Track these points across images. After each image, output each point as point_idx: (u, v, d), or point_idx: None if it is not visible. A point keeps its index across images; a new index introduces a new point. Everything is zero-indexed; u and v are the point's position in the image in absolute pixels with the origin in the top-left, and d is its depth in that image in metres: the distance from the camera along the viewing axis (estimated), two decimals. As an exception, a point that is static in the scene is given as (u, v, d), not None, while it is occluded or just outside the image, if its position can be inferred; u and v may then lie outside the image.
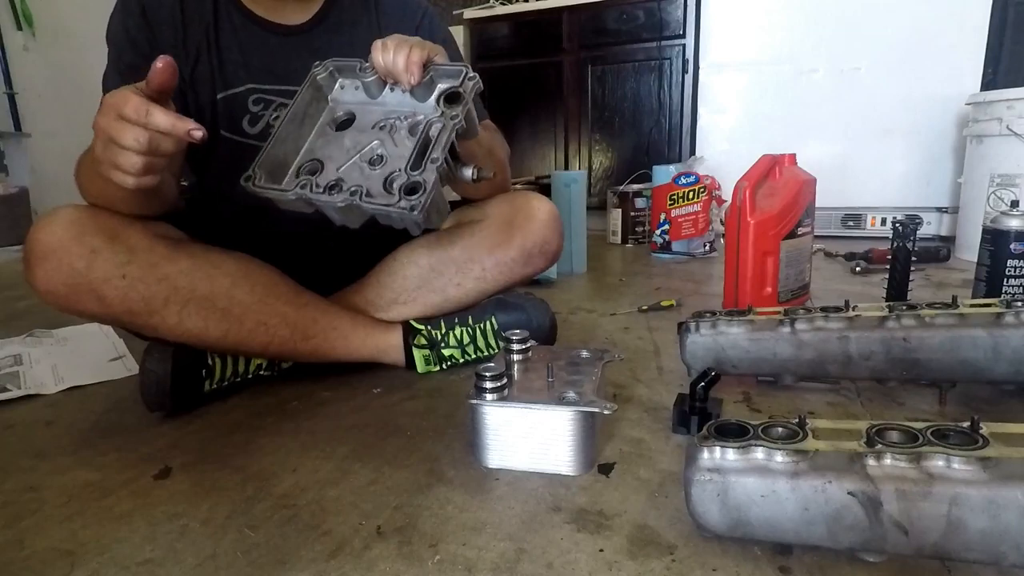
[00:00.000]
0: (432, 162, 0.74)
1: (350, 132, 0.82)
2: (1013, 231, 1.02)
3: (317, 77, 0.82)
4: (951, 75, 2.23)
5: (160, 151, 0.63)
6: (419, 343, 0.97)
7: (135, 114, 0.61)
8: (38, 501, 0.66)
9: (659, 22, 2.57)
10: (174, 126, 0.61)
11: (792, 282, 1.19)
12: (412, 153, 0.76)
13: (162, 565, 0.54)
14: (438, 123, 0.77)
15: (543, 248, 0.97)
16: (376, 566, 0.53)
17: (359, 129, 0.82)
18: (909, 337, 0.78)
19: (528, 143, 2.92)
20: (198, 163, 0.95)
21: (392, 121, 0.81)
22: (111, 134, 0.61)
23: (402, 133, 0.80)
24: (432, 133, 0.77)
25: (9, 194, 3.02)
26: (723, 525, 0.52)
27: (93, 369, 1.07)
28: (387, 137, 0.80)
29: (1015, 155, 1.75)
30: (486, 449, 0.69)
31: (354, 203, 0.73)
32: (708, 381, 0.74)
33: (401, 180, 0.75)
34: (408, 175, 0.75)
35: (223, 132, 0.91)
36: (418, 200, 0.72)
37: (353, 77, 0.83)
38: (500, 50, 2.87)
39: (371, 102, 0.83)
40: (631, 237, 2.44)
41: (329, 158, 0.81)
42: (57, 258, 0.75)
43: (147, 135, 0.61)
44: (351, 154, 0.80)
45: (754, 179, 1.16)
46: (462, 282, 0.97)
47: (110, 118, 0.62)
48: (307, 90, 0.81)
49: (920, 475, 0.46)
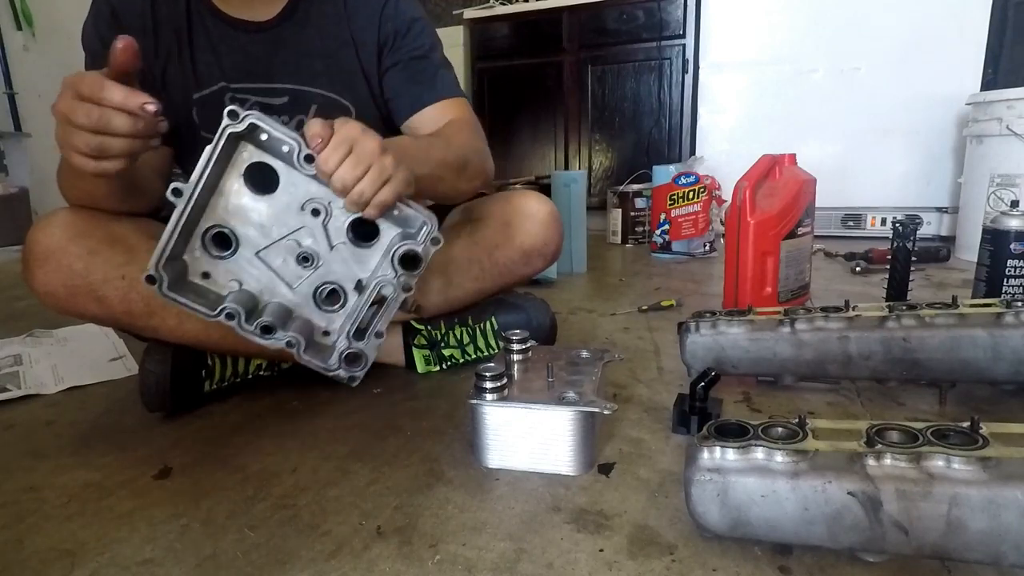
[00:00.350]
0: (376, 336, 0.71)
1: (271, 201, 0.68)
2: (1013, 231, 1.02)
3: (229, 132, 0.64)
4: (951, 75, 2.23)
5: (113, 128, 0.59)
6: (419, 343, 0.97)
7: (88, 90, 0.58)
8: (38, 501, 0.66)
9: (659, 22, 2.57)
10: (125, 100, 0.58)
11: (792, 282, 1.19)
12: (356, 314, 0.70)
13: (162, 565, 0.54)
14: (389, 287, 0.70)
15: (543, 248, 0.97)
16: (376, 566, 0.53)
17: (283, 202, 0.68)
18: (909, 337, 0.78)
19: (528, 143, 2.92)
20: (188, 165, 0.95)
21: (326, 205, 0.68)
22: (66, 111, 0.59)
23: (339, 224, 0.69)
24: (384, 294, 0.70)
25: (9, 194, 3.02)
26: (723, 525, 0.52)
27: (93, 369, 1.07)
28: (318, 227, 0.69)
29: (1015, 155, 1.75)
30: (486, 449, 0.69)
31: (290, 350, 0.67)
32: (708, 381, 0.74)
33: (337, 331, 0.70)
34: (349, 341, 0.70)
35: (203, 133, 0.91)
36: (359, 373, 0.71)
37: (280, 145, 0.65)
38: (500, 50, 2.87)
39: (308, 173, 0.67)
40: (631, 237, 2.44)
41: (245, 236, 0.69)
42: (56, 260, 0.75)
43: (99, 111, 0.58)
44: (272, 235, 0.68)
45: (754, 179, 1.16)
46: (461, 282, 0.97)
47: (66, 96, 0.59)
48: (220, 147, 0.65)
49: (920, 475, 0.46)
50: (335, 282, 0.71)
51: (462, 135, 0.87)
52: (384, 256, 0.70)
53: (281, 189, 0.68)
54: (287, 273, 0.70)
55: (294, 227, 0.69)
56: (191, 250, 0.69)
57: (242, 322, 0.66)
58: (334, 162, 0.62)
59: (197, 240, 0.68)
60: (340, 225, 0.69)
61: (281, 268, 0.70)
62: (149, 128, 0.61)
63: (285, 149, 0.65)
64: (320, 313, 0.72)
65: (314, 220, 0.69)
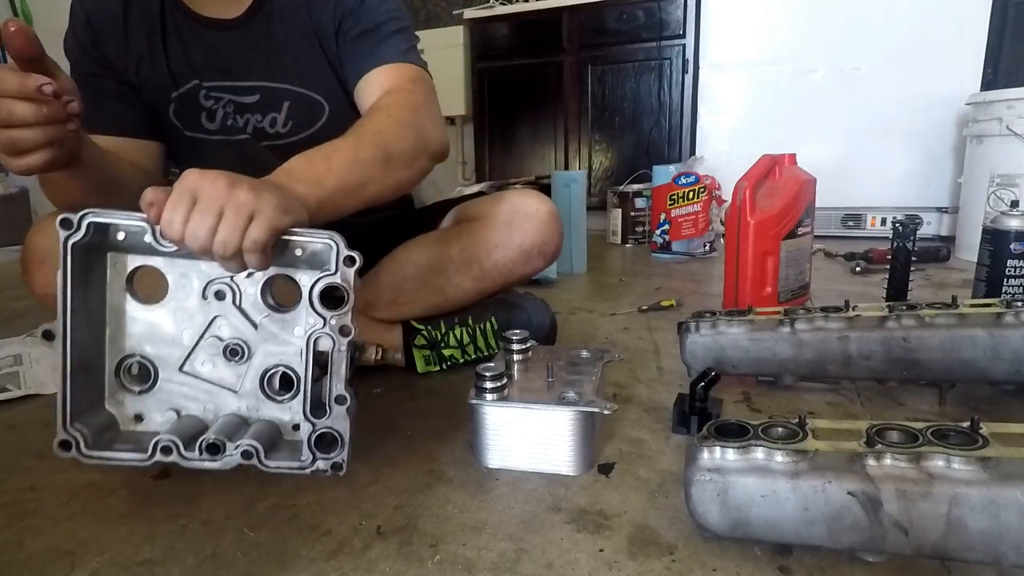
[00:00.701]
0: (339, 402, 0.56)
1: (167, 306, 0.59)
2: (1013, 231, 1.02)
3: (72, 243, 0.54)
4: (951, 75, 2.23)
5: (17, 119, 0.54)
6: (419, 343, 0.97)
7: None
8: (38, 501, 0.66)
9: (659, 22, 2.57)
10: (21, 85, 0.53)
11: (792, 282, 1.19)
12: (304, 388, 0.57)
13: (162, 565, 0.54)
14: (324, 339, 0.57)
15: (542, 248, 0.97)
16: (376, 566, 0.53)
17: (180, 301, 0.59)
18: (909, 337, 0.78)
19: (528, 143, 2.91)
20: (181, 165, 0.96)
21: (229, 280, 0.59)
22: None
23: (252, 299, 0.59)
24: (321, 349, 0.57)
25: (9, 194, 3.02)
26: (723, 525, 0.52)
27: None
28: (231, 311, 0.58)
29: (1015, 155, 1.75)
30: (486, 449, 0.69)
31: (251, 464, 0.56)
32: (708, 381, 0.74)
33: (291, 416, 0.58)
34: (311, 423, 0.57)
35: (188, 133, 0.91)
36: (339, 456, 0.57)
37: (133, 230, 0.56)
38: (500, 50, 2.87)
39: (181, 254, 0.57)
40: (631, 237, 2.44)
41: (158, 354, 0.59)
42: (55, 261, 0.75)
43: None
44: (187, 341, 0.59)
45: (754, 179, 1.16)
46: (461, 282, 0.97)
47: None
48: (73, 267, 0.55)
49: (920, 475, 0.46)
50: (278, 364, 0.60)
51: (382, 117, 0.74)
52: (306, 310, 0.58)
53: (172, 285, 0.59)
54: (222, 377, 0.60)
55: (206, 322, 0.59)
56: (111, 395, 0.59)
57: (182, 452, 0.55)
58: (179, 221, 0.51)
59: (109, 381, 0.58)
60: (254, 298, 0.59)
61: (213, 374, 0.60)
62: (57, 112, 0.55)
63: (146, 239, 0.55)
64: (280, 406, 0.60)
65: (223, 304, 0.58)
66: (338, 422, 0.57)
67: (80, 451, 0.55)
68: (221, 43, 0.86)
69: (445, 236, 0.99)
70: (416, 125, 0.75)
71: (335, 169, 0.64)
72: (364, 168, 0.67)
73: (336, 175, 0.64)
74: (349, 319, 0.56)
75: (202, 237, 0.51)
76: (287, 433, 0.60)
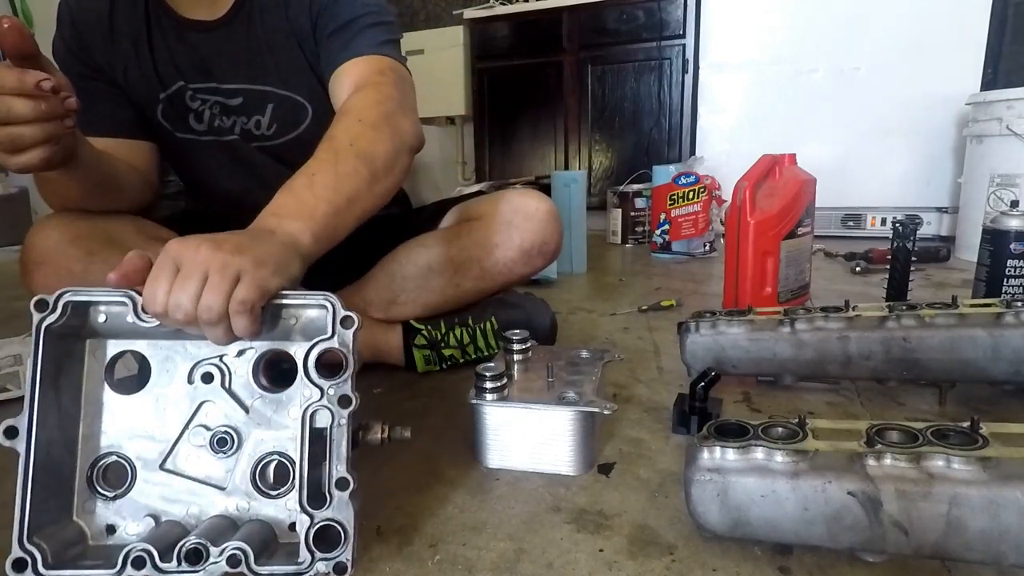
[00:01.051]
0: (340, 487, 0.48)
1: (150, 393, 0.52)
2: (1013, 231, 1.02)
3: (47, 326, 0.49)
4: (951, 75, 2.23)
5: (16, 116, 0.53)
6: (419, 343, 0.97)
7: None
8: (38, 501, 0.66)
9: (659, 22, 2.57)
10: (20, 82, 0.52)
11: (792, 282, 1.19)
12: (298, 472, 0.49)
13: (162, 565, 0.54)
14: (323, 412, 0.50)
15: (542, 248, 0.97)
16: (376, 566, 0.53)
17: (163, 387, 0.52)
18: (909, 337, 0.78)
19: (528, 143, 2.91)
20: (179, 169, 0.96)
21: (218, 360, 0.52)
22: None
23: (243, 379, 0.52)
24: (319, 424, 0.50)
25: (9, 194, 3.02)
26: (723, 525, 0.52)
27: (93, 369, 1.07)
28: (220, 394, 0.52)
29: (1015, 155, 1.75)
30: (486, 449, 0.69)
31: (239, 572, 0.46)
32: (708, 381, 0.74)
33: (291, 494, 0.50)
34: (309, 515, 0.48)
35: (178, 135, 0.91)
36: (343, 555, 0.47)
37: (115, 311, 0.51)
38: (500, 50, 2.87)
39: (166, 334, 0.52)
40: (631, 237, 2.44)
41: (137, 450, 0.51)
42: (54, 262, 0.75)
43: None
44: (171, 433, 0.51)
45: (754, 179, 1.16)
46: (461, 282, 0.97)
47: None
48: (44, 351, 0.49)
49: (920, 475, 0.46)
50: (272, 452, 0.52)
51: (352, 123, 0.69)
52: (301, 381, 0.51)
53: (155, 371, 0.52)
54: (209, 474, 0.51)
55: (191, 409, 0.52)
56: (81, 503, 0.50)
57: (157, 563, 0.46)
58: (162, 292, 0.47)
59: (80, 487, 0.50)
60: (245, 379, 0.52)
61: (199, 470, 0.52)
62: (55, 108, 0.55)
63: (128, 318, 0.50)
64: (274, 503, 0.51)
65: (211, 388, 0.52)
66: (340, 512, 0.48)
67: (37, 571, 0.46)
68: (203, 45, 0.86)
69: (445, 236, 0.99)
70: (388, 123, 0.70)
71: (320, 194, 0.60)
72: (349, 183, 0.63)
73: (324, 200, 0.60)
74: (349, 388, 0.50)
75: (186, 305, 0.46)
76: (283, 535, 0.51)
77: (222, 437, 0.51)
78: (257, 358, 0.53)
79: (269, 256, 0.51)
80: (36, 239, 0.76)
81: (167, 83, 0.87)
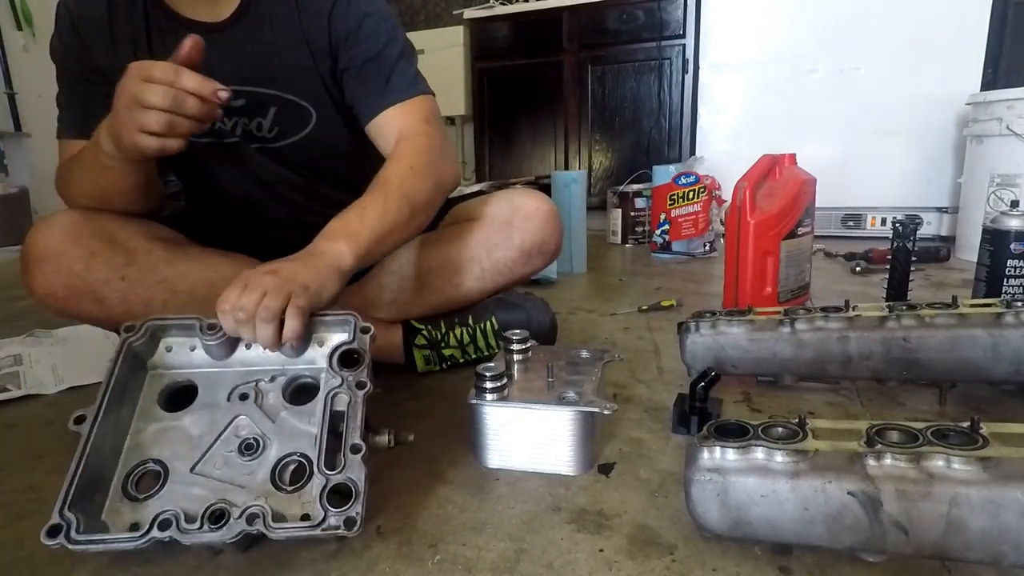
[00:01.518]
0: (354, 451, 0.55)
1: (194, 412, 0.61)
2: (1013, 231, 1.02)
3: (132, 344, 0.62)
4: (951, 75, 2.23)
5: (185, 109, 0.64)
6: (419, 343, 0.97)
7: (163, 75, 0.63)
8: (38, 501, 0.66)
9: (659, 22, 2.57)
10: (201, 84, 0.64)
11: (792, 282, 1.19)
12: (318, 441, 0.57)
13: (162, 565, 0.54)
14: (343, 394, 0.60)
15: (542, 247, 0.97)
16: (376, 566, 0.53)
17: (206, 404, 0.62)
18: (909, 337, 0.78)
19: (528, 143, 2.92)
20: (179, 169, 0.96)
21: (254, 384, 0.63)
22: (137, 93, 0.63)
23: (273, 398, 0.62)
24: (338, 408, 0.59)
25: (9, 194, 3.02)
26: (723, 525, 0.52)
27: (93, 369, 1.07)
28: (253, 409, 0.61)
29: (1015, 155, 1.75)
30: (486, 449, 0.69)
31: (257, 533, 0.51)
32: (708, 381, 0.74)
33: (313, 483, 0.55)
34: (325, 475, 0.54)
35: None
36: (353, 510, 0.52)
37: (187, 335, 0.65)
38: (500, 50, 2.87)
39: (216, 365, 0.65)
40: (631, 237, 2.44)
41: (174, 457, 0.58)
42: (56, 261, 0.75)
43: (173, 92, 0.63)
44: (205, 442, 0.59)
45: (754, 179, 1.16)
46: (461, 282, 0.97)
47: (135, 80, 0.63)
48: (121, 365, 0.61)
49: (920, 475, 0.46)
50: (292, 453, 0.58)
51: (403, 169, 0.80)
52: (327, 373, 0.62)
53: (200, 394, 0.63)
54: (233, 476, 0.57)
55: (227, 422, 0.60)
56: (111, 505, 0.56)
57: (181, 524, 0.51)
58: (234, 295, 0.60)
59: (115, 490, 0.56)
60: (275, 398, 0.62)
61: (225, 472, 0.57)
62: (212, 112, 0.66)
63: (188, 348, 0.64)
64: (288, 497, 0.56)
65: (246, 404, 0.61)
66: (353, 471, 0.54)
67: (68, 536, 0.51)
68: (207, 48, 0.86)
69: (445, 236, 0.99)
70: (434, 171, 0.82)
71: (367, 223, 0.72)
72: (392, 218, 0.75)
73: (369, 228, 0.72)
74: (365, 375, 0.61)
75: (248, 307, 0.59)
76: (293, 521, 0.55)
77: (249, 443, 0.59)
78: (286, 382, 0.63)
79: (313, 280, 0.64)
80: (37, 238, 0.76)
81: None
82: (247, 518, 0.51)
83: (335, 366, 0.62)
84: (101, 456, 0.57)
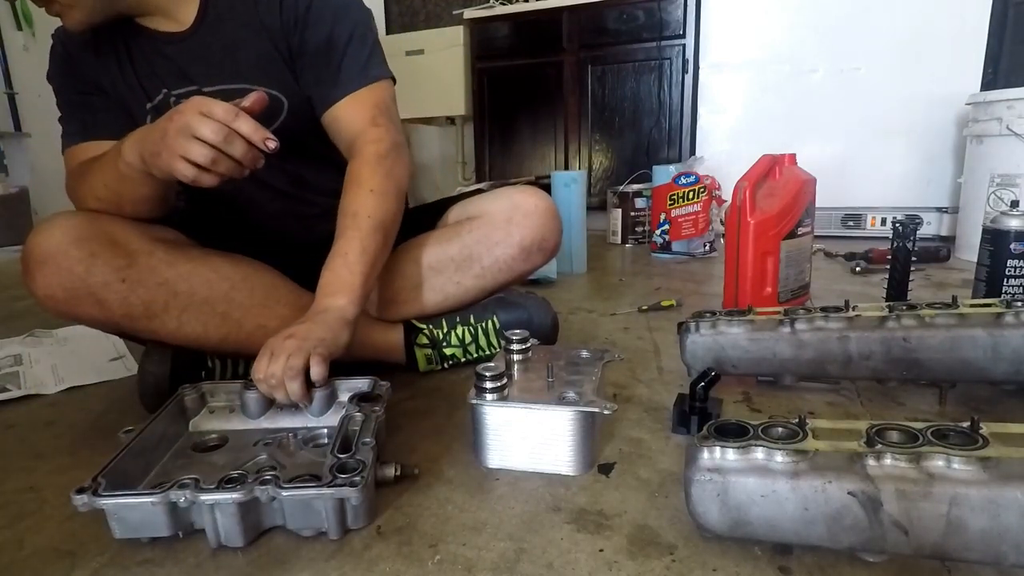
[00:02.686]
0: (365, 444, 0.61)
1: (221, 453, 0.70)
2: (1013, 231, 1.02)
3: (185, 398, 0.74)
4: (951, 75, 2.23)
5: (232, 150, 0.67)
6: (420, 342, 0.97)
7: (223, 114, 0.66)
8: (38, 501, 0.66)
9: (659, 22, 2.57)
10: (253, 132, 0.68)
11: (792, 282, 1.19)
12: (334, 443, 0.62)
13: (162, 565, 0.54)
14: (357, 415, 0.68)
15: (542, 244, 0.98)
16: (376, 566, 0.53)
17: (235, 449, 0.71)
18: (909, 337, 0.78)
19: (528, 143, 2.91)
20: None
21: (280, 438, 0.72)
22: (191, 123, 0.66)
23: (294, 446, 0.71)
24: (353, 427, 0.66)
25: (9, 194, 3.02)
26: (723, 525, 0.52)
27: (93, 369, 1.07)
28: (276, 451, 0.69)
29: (1015, 155, 1.75)
30: (486, 449, 0.69)
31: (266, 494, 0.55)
32: (708, 381, 0.74)
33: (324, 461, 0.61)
34: (336, 457, 0.59)
35: None
36: (360, 476, 0.55)
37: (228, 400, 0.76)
38: (500, 50, 2.87)
39: (248, 423, 0.75)
40: (631, 237, 2.44)
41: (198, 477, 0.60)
42: (56, 263, 0.75)
43: (226, 131, 0.66)
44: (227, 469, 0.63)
45: (754, 179, 1.16)
46: (462, 280, 0.97)
47: (194, 112, 0.66)
48: (172, 407, 0.73)
49: (920, 475, 0.46)
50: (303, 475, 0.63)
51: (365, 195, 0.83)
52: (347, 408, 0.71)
53: (231, 442, 0.72)
54: None
55: (249, 459, 0.68)
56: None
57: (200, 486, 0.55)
58: (264, 364, 0.70)
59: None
60: (295, 446, 0.71)
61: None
62: (256, 160, 0.70)
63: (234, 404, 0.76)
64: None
65: (268, 448, 0.70)
66: (362, 453, 0.60)
67: (97, 493, 0.54)
68: (178, 55, 0.88)
69: (445, 235, 0.99)
70: (392, 182, 0.85)
71: (355, 269, 0.79)
72: (372, 253, 0.81)
73: (358, 274, 0.79)
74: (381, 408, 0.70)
75: (277, 373, 0.68)
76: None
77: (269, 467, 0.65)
78: (307, 436, 0.72)
79: (327, 332, 0.73)
80: (38, 239, 0.76)
81: (152, 94, 0.89)
82: (261, 481, 0.56)
83: (354, 401, 0.71)
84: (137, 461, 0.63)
